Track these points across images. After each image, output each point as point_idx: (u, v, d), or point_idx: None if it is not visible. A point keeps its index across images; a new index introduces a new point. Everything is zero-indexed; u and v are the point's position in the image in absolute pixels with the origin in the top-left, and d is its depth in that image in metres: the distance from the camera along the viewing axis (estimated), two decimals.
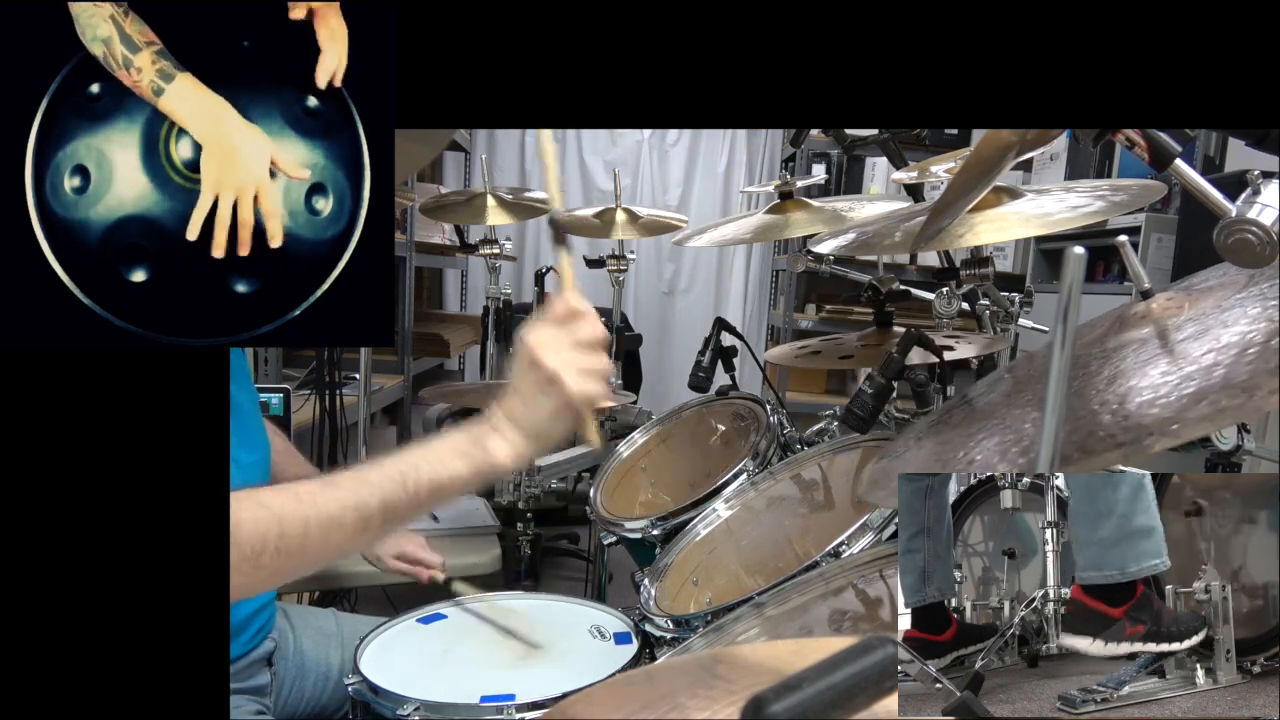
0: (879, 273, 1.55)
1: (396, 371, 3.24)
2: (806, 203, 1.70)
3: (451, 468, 0.80)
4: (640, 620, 1.20)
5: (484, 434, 0.83)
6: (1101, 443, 0.58)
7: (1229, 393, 0.55)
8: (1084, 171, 3.14)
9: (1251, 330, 0.63)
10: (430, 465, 0.80)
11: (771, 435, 1.54)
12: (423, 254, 3.57)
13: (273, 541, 0.72)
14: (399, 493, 0.78)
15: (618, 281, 2.35)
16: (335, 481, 0.77)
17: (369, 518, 0.77)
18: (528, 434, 0.83)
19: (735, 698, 0.63)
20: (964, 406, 0.93)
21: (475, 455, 0.81)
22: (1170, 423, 0.55)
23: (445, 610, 1.29)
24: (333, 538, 0.76)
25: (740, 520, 1.43)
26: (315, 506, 0.75)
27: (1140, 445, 0.55)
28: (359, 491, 0.77)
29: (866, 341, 1.48)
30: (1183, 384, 0.60)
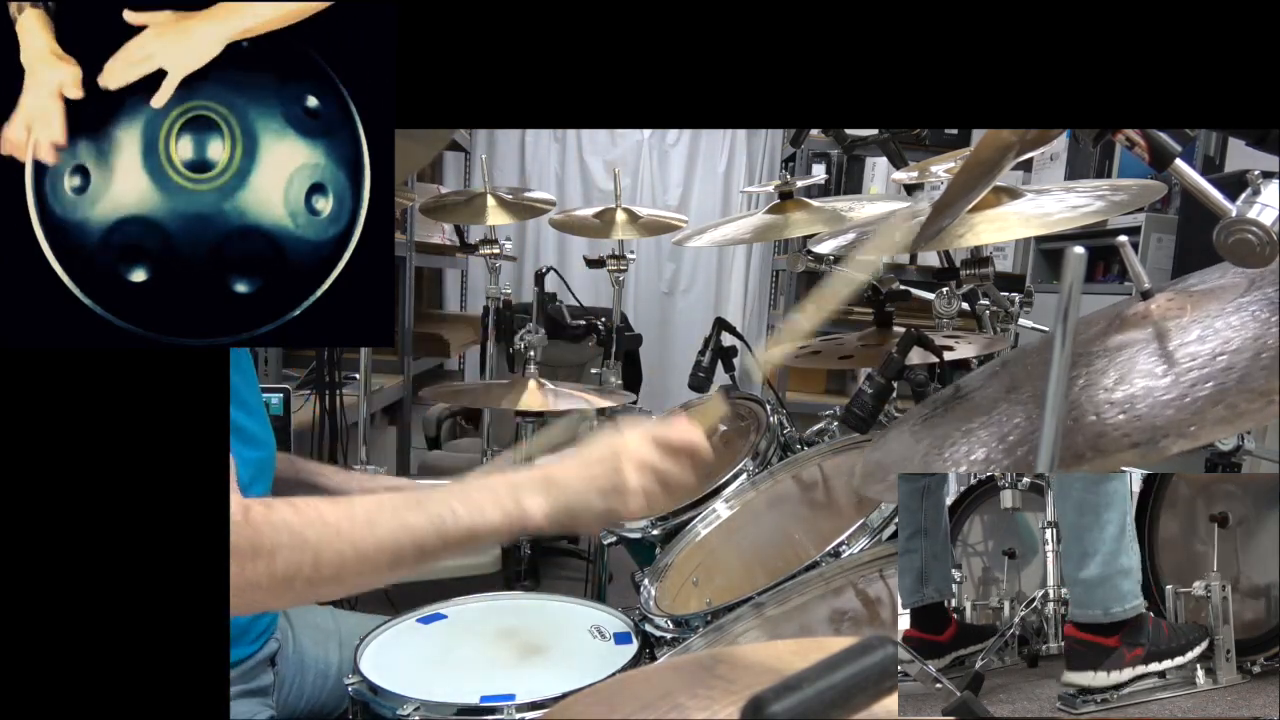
0: (879, 273, 1.55)
1: (396, 371, 3.24)
2: (806, 203, 1.70)
3: (488, 518, 0.81)
4: (640, 620, 1.20)
5: (525, 488, 0.83)
6: (1116, 443, 0.58)
7: (1246, 396, 0.55)
8: (1084, 171, 3.14)
9: (1263, 334, 0.63)
10: (468, 512, 0.80)
11: (771, 435, 1.54)
12: (423, 254, 3.57)
13: (306, 571, 0.74)
14: (434, 540, 0.79)
15: (618, 281, 2.35)
16: (375, 521, 0.78)
17: (402, 560, 0.79)
18: (571, 511, 0.83)
19: (735, 698, 0.63)
20: (960, 399, 0.93)
21: (511, 510, 0.82)
22: (1187, 424, 0.55)
23: (445, 610, 1.29)
24: (365, 577, 0.79)
25: (740, 520, 1.43)
26: (353, 545, 0.76)
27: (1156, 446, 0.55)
28: (398, 535, 0.78)
29: (866, 341, 1.48)
30: (1196, 386, 0.60)
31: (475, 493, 0.82)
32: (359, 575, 0.78)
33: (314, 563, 0.74)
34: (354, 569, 0.77)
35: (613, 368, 2.31)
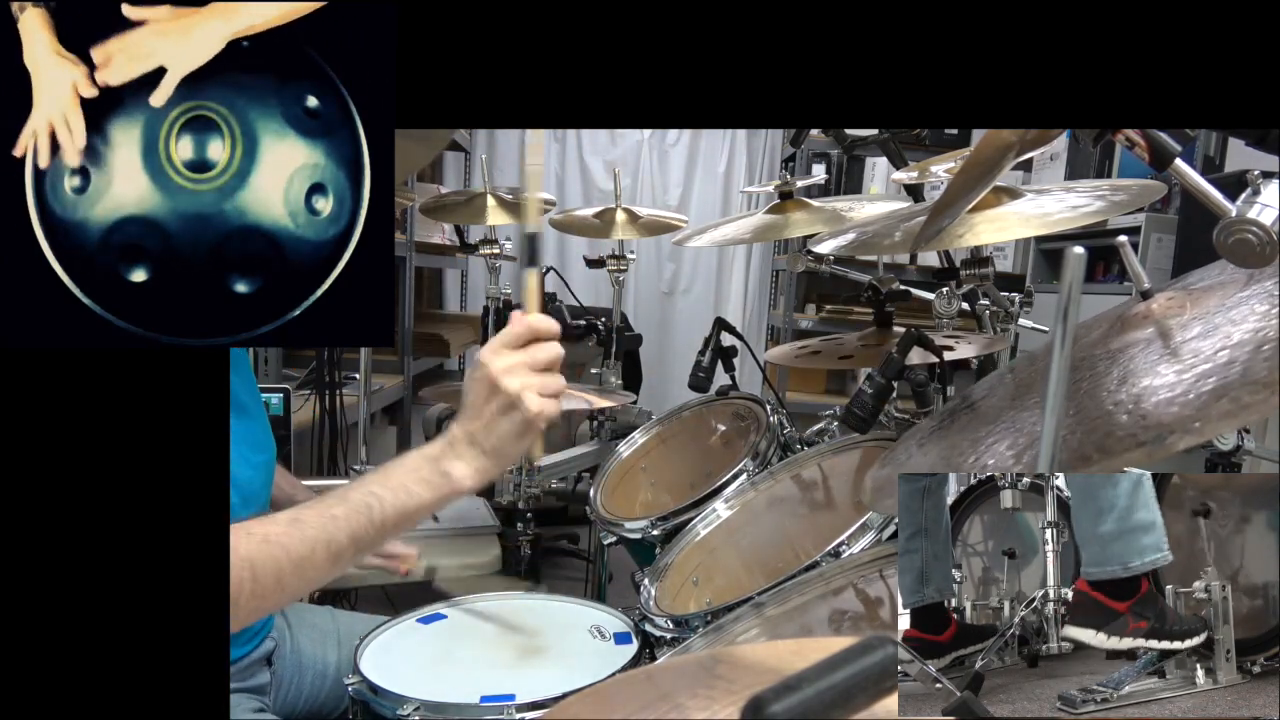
0: (879, 273, 1.55)
1: (396, 371, 3.24)
2: (806, 203, 1.70)
3: (415, 495, 0.83)
4: (640, 620, 1.20)
5: (443, 457, 0.85)
6: (1122, 442, 0.58)
7: (1250, 389, 0.55)
8: (1084, 171, 3.14)
9: (1263, 327, 0.63)
10: (394, 494, 0.82)
11: (771, 435, 1.54)
12: (423, 254, 3.57)
13: (247, 586, 0.74)
14: (366, 525, 0.81)
15: (618, 281, 2.35)
16: (302, 520, 0.79)
17: (339, 552, 0.80)
18: (489, 454, 0.85)
19: (735, 698, 0.63)
20: (967, 410, 0.93)
21: (437, 481, 0.84)
22: (1192, 420, 0.55)
23: (445, 610, 1.29)
24: (307, 574, 0.79)
25: (740, 520, 1.43)
26: (285, 549, 0.77)
27: (1163, 444, 0.55)
28: (326, 528, 0.79)
29: (866, 341, 1.48)
30: (1200, 382, 0.60)
31: (395, 475, 0.84)
32: (300, 577, 0.79)
33: (252, 576, 0.75)
34: (293, 572, 0.77)
35: (613, 368, 2.31)
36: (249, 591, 0.74)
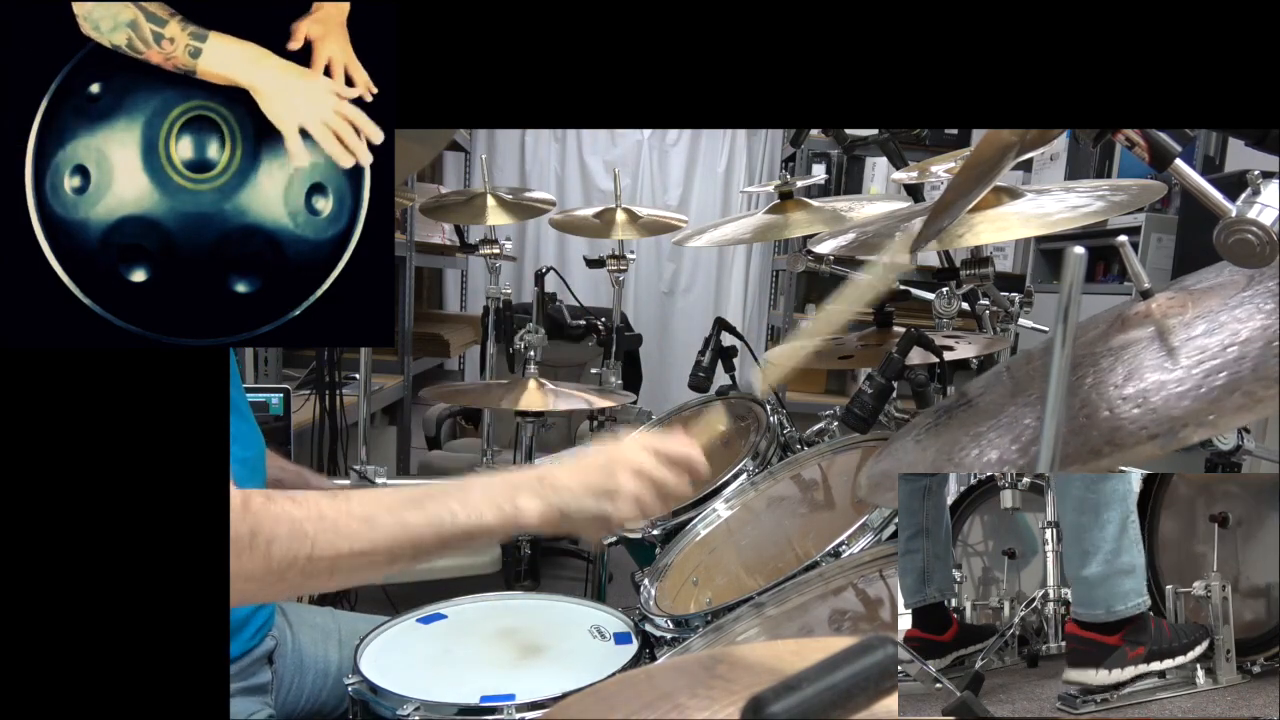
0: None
1: (396, 371, 3.24)
2: (806, 203, 1.70)
3: (484, 518, 0.82)
4: (640, 620, 1.20)
5: (522, 488, 0.84)
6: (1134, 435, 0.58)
7: (1263, 383, 0.55)
8: (1084, 171, 3.14)
9: (1270, 323, 0.63)
10: (465, 513, 0.81)
11: (771, 435, 1.54)
12: (423, 254, 3.57)
13: (301, 562, 0.74)
14: (432, 540, 0.80)
15: (618, 281, 2.35)
16: (374, 519, 0.78)
17: (398, 558, 0.80)
18: (565, 514, 0.85)
19: (735, 698, 0.63)
20: (965, 406, 0.93)
21: (507, 510, 0.83)
22: (1205, 414, 0.55)
23: (445, 610, 1.29)
24: (362, 570, 0.79)
25: (740, 520, 1.43)
26: (349, 541, 0.77)
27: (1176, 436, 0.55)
28: (395, 534, 0.79)
29: (866, 341, 1.48)
30: (1210, 377, 0.60)
31: (473, 493, 0.83)
32: (353, 570, 0.78)
33: (309, 555, 0.74)
34: (348, 564, 0.77)
35: (613, 368, 2.31)
36: (301, 568, 0.74)
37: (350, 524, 0.77)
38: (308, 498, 0.77)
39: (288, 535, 0.73)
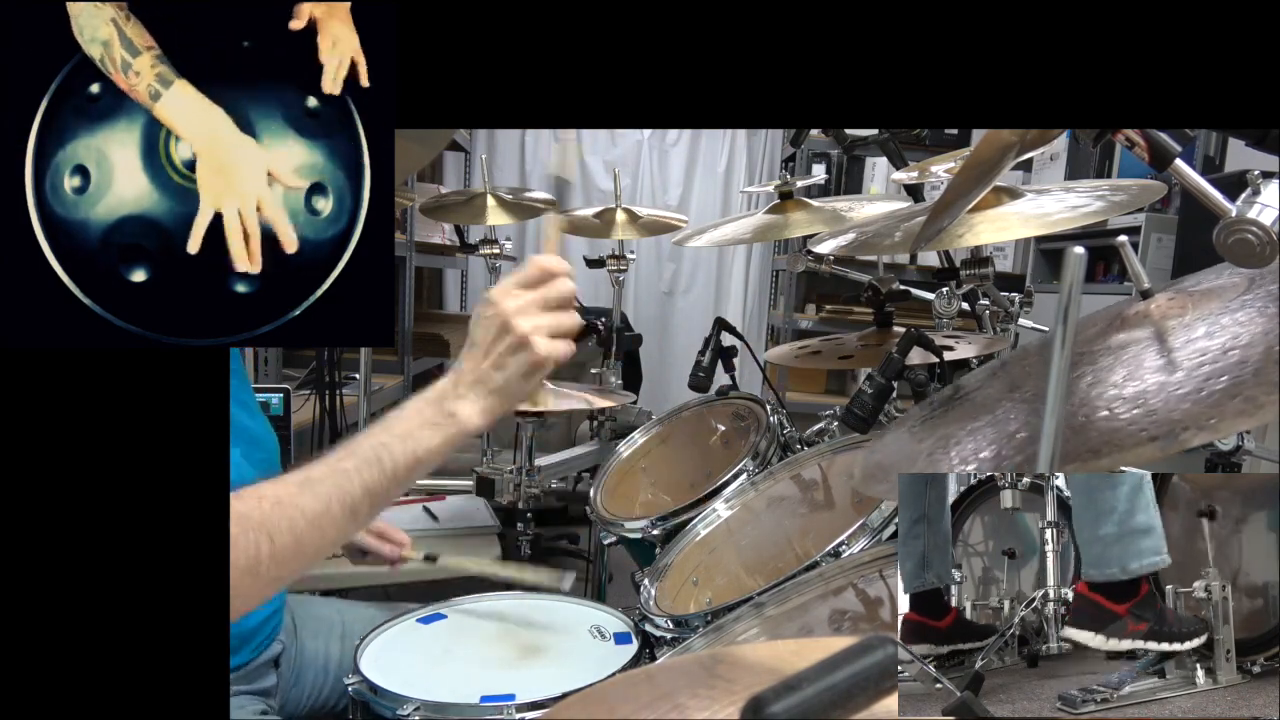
0: (879, 273, 1.55)
1: (396, 371, 3.23)
2: (806, 203, 1.70)
3: (424, 440, 0.81)
4: (640, 620, 1.20)
5: (447, 398, 0.83)
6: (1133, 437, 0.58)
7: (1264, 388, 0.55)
8: (1084, 171, 3.14)
9: (1271, 328, 0.63)
10: (402, 442, 0.80)
11: (771, 435, 1.54)
12: (423, 254, 3.57)
13: (265, 550, 0.72)
14: (378, 476, 0.78)
15: (618, 281, 2.35)
16: (313, 479, 0.77)
17: (355, 505, 0.77)
18: (495, 393, 0.83)
19: (735, 698, 0.62)
20: (960, 400, 0.93)
21: (443, 423, 0.82)
22: (1206, 417, 0.55)
23: (445, 610, 1.29)
24: (326, 533, 0.77)
25: (740, 520, 1.43)
26: (298, 507, 0.75)
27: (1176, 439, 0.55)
28: (339, 484, 0.77)
29: (866, 341, 1.48)
30: (1211, 380, 0.60)
31: (400, 423, 0.82)
32: (320, 536, 0.76)
33: (269, 540, 0.72)
34: (309, 531, 0.75)
35: (613, 368, 2.31)
36: (268, 557, 0.72)
37: (290, 493, 0.75)
38: (244, 491, 0.74)
39: (239, 533, 0.71)
